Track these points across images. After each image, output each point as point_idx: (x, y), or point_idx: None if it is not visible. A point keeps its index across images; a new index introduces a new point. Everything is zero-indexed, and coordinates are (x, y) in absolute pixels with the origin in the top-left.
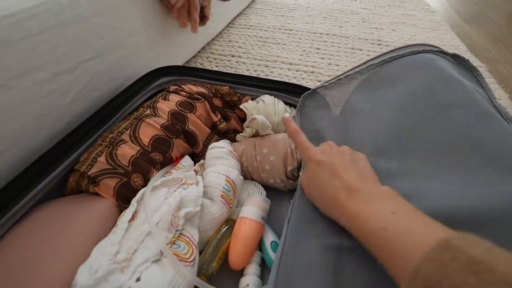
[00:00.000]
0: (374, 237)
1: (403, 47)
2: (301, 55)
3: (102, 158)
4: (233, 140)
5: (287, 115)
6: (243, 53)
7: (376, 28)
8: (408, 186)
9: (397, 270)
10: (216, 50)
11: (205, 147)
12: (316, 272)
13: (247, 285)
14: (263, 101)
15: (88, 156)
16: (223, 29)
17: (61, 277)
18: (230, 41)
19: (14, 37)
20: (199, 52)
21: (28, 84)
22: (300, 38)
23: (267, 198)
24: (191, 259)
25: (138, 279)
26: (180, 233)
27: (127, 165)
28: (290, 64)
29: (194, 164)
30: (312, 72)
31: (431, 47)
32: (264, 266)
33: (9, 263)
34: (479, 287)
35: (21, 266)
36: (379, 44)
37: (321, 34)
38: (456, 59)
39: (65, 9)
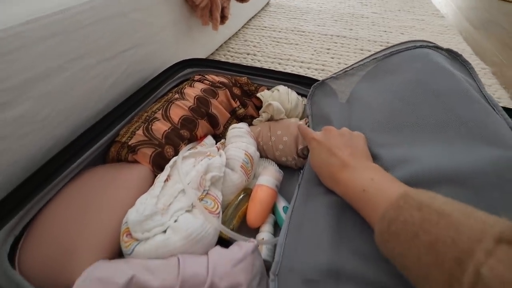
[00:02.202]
0: (357, 197)
1: (403, 42)
2: (312, 55)
3: (140, 131)
4: (250, 125)
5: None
6: (258, 51)
7: (385, 31)
8: (401, 152)
9: (372, 219)
10: (232, 48)
11: (225, 129)
12: (322, 220)
13: (263, 238)
14: (278, 90)
15: (127, 130)
16: (239, 30)
17: (112, 220)
18: (245, 41)
19: (70, 28)
20: (216, 50)
21: (79, 68)
22: (311, 39)
23: (280, 170)
24: (216, 212)
25: (175, 221)
26: (207, 193)
27: (161, 138)
28: (302, 62)
29: (216, 143)
30: (323, 70)
31: (427, 42)
32: (276, 227)
33: (69, 209)
34: (419, 218)
35: (79, 210)
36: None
37: (331, 35)
38: (450, 53)
39: (109, 5)
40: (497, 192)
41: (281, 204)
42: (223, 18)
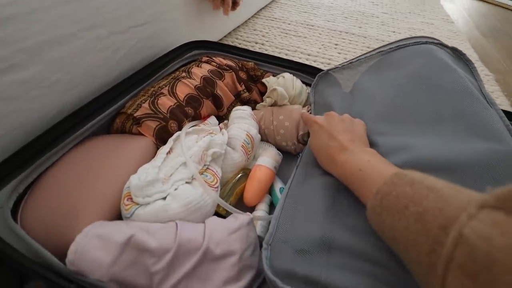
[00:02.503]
0: (353, 177)
1: (408, 38)
2: (320, 49)
3: (145, 105)
4: (253, 109)
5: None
6: (266, 41)
7: (393, 32)
8: (399, 141)
9: (366, 196)
10: (241, 36)
11: (229, 111)
12: (318, 199)
13: (258, 216)
14: (283, 77)
15: (134, 102)
16: (249, 19)
17: (114, 183)
18: (254, 30)
19: None
20: (225, 36)
21: (91, 37)
22: (320, 34)
23: (279, 152)
24: (215, 186)
25: (175, 189)
26: (207, 167)
27: (166, 112)
28: (309, 55)
29: (219, 124)
30: (329, 64)
31: (433, 39)
32: (272, 207)
33: (72, 172)
34: (411, 193)
35: (82, 174)
36: None
37: (340, 32)
38: (455, 52)
39: None
40: (489, 184)
41: (278, 185)
42: (235, 4)
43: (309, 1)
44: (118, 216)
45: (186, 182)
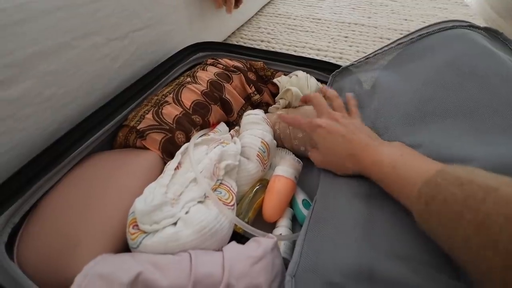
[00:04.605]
0: (386, 174)
1: (432, 24)
2: (329, 42)
3: (149, 115)
4: (265, 112)
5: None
6: (272, 39)
7: (405, 20)
8: (445, 145)
9: (405, 195)
10: (246, 35)
11: (239, 116)
12: (348, 215)
13: (280, 234)
14: (296, 75)
15: (136, 114)
16: (252, 17)
17: (118, 207)
18: (259, 28)
19: (79, 1)
20: (229, 36)
21: (87, 45)
22: (328, 27)
23: (299, 159)
24: (231, 203)
25: (187, 212)
26: (221, 183)
27: (171, 122)
28: (318, 50)
29: (230, 131)
30: (340, 58)
31: (461, 22)
32: (295, 222)
33: (72, 197)
34: (461, 195)
35: (83, 199)
36: None
37: (349, 23)
38: (489, 32)
39: None
40: None
41: (300, 197)
42: (237, 1)
43: None
44: (125, 244)
45: (199, 202)
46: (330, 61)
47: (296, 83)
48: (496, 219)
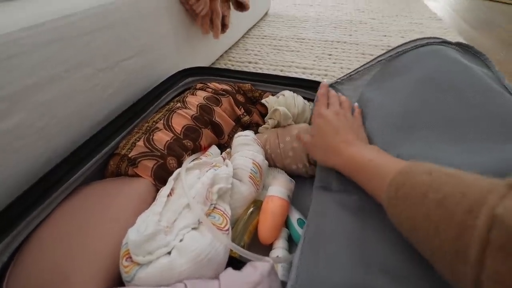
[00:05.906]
0: (363, 167)
1: (408, 42)
2: (314, 61)
3: (140, 143)
4: (256, 132)
5: (325, 81)
6: (259, 59)
7: (385, 36)
8: (414, 151)
9: (378, 188)
10: (233, 57)
11: (230, 138)
12: (341, 235)
13: (277, 256)
14: (283, 95)
15: (127, 141)
16: (239, 39)
17: (110, 240)
18: (246, 50)
19: (71, 35)
20: (217, 59)
21: (78, 77)
22: (312, 46)
23: (291, 178)
24: (226, 228)
25: (181, 240)
26: (214, 207)
27: (163, 148)
28: (304, 68)
29: (221, 153)
30: (325, 75)
31: (434, 39)
32: (291, 242)
33: (62, 231)
34: (429, 181)
35: (74, 232)
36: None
37: (332, 41)
38: (462, 47)
39: (109, 13)
40: None
41: (295, 216)
42: (224, 26)
43: (296, 15)
44: (118, 277)
45: (193, 229)
46: (316, 79)
47: (284, 102)
48: (454, 197)
